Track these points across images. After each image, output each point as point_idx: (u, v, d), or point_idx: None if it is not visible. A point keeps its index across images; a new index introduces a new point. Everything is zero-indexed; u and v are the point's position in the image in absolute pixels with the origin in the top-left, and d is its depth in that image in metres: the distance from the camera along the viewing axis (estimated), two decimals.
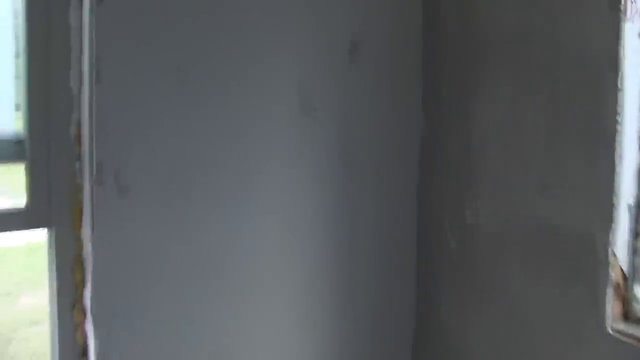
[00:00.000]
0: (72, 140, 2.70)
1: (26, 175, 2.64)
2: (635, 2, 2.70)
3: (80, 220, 2.68)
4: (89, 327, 2.69)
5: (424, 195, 3.61)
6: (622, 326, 2.67)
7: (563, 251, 2.93)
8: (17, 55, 2.66)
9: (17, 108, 2.69)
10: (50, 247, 2.71)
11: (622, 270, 2.74)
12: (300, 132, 3.11)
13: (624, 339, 2.64)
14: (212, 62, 2.86)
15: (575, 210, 2.77)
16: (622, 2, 2.72)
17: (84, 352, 2.72)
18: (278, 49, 3.02)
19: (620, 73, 2.74)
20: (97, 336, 2.67)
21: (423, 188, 3.48)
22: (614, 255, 2.73)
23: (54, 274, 2.71)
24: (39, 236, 2.81)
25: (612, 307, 2.68)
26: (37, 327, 6.63)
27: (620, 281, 2.74)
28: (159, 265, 2.79)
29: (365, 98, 3.33)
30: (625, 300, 2.72)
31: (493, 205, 3.16)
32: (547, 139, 3.05)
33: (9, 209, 2.49)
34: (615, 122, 2.75)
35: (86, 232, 2.66)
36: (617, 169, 2.74)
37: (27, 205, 2.50)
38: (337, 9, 3.18)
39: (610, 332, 2.69)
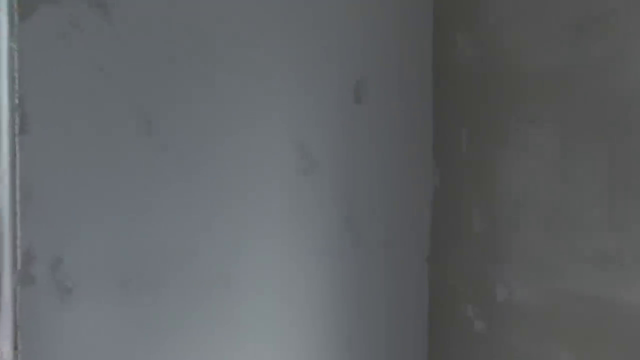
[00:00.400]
0: None
1: None
2: None
3: None
4: None
5: (439, 266, 2.98)
6: None
7: (627, 335, 2.35)
8: None
9: None
10: None
11: None
12: (297, 196, 2.49)
13: None
14: (190, 112, 2.23)
15: None
16: None
17: None
18: (271, 97, 2.47)
19: None
20: None
21: (437, 258, 3.09)
22: None
23: None
24: None
25: None
26: None
27: None
28: None
29: (371, 148, 2.74)
30: None
31: (533, 278, 2.75)
32: (605, 195, 2.45)
33: None
34: None
35: (4, 350, 1.86)
36: None
37: None
38: (340, 47, 2.65)
39: None
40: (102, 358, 1.94)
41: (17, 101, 1.81)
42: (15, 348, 1.75)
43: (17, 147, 1.82)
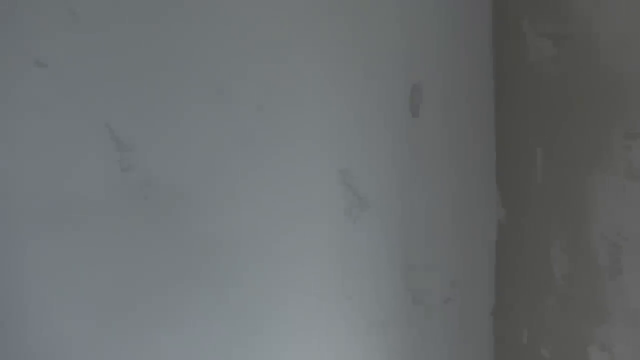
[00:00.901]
0: None
1: None
2: None
3: None
4: None
5: (508, 323, 2.36)
6: None
7: None
8: None
9: None
10: None
11: None
12: (345, 249, 1.83)
13: None
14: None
15: None
16: None
17: None
18: (313, 125, 1.94)
19: None
20: None
21: (505, 312, 2.49)
22: None
23: None
24: None
25: None
26: None
27: None
28: None
29: (428, 175, 2.10)
30: None
31: None
32: None
33: None
34: None
35: None
36: None
37: None
38: (390, 44, 2.05)
39: None
40: None
41: None
42: None
43: None
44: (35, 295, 1.57)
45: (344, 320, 1.91)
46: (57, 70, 1.54)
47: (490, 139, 2.39)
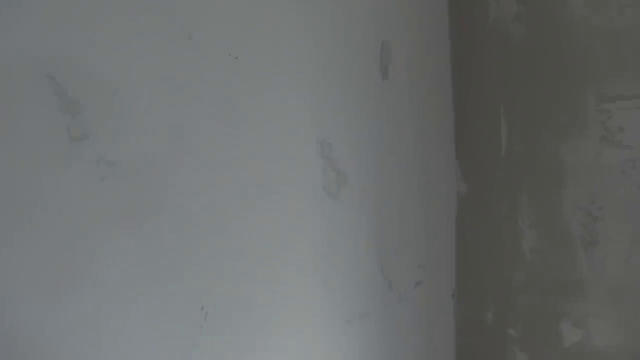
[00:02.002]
0: None
1: None
2: None
3: None
4: None
5: (470, 303, 2.29)
6: None
7: None
8: None
9: None
10: None
11: None
12: (326, 230, 1.63)
13: None
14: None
15: None
16: None
17: None
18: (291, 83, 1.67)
19: None
20: None
21: (467, 291, 2.31)
22: None
23: None
24: None
25: None
26: None
27: None
28: None
29: (398, 142, 1.88)
30: None
31: (618, 316, 2.03)
32: None
33: None
34: None
35: None
36: None
37: None
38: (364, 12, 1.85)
39: None
40: None
41: None
42: None
43: None
44: None
45: (324, 313, 1.67)
46: None
47: (448, 107, 2.21)
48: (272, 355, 1.53)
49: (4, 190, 1.17)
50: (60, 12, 1.22)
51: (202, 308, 1.42)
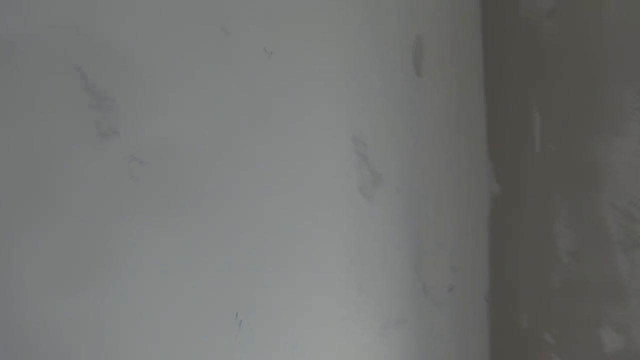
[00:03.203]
0: None
1: None
2: None
3: None
4: None
5: (505, 306, 2.20)
6: None
7: None
8: None
9: None
10: None
11: None
12: (361, 234, 1.56)
13: None
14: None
15: None
16: None
17: None
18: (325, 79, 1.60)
19: None
20: None
21: (501, 294, 2.24)
22: None
23: None
24: None
25: None
26: None
27: None
28: None
29: (431, 142, 1.82)
30: None
31: None
32: None
33: None
34: None
35: None
36: None
37: None
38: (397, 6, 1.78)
39: None
40: None
41: None
42: None
43: None
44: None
45: (360, 318, 1.61)
46: None
47: (480, 104, 2.15)
48: None
49: (31, 189, 1.12)
50: None
51: (236, 315, 1.37)
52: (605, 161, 2.03)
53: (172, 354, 1.29)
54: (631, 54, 1.96)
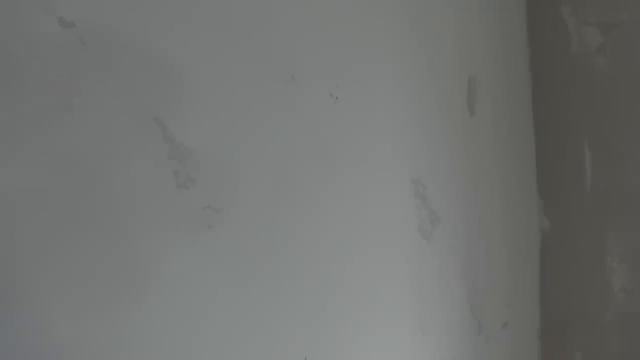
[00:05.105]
0: None
1: None
2: None
3: None
4: None
5: (557, 345, 2.14)
6: None
7: None
8: None
9: None
10: None
11: None
12: (420, 274, 1.61)
13: None
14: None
15: None
16: None
17: None
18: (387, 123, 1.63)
19: None
20: None
21: (553, 333, 2.20)
22: None
23: None
24: None
25: None
26: None
27: None
28: None
29: (484, 180, 1.82)
30: None
31: None
32: None
33: None
34: None
35: None
36: None
37: None
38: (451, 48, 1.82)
39: None
40: None
41: None
42: None
43: None
44: None
45: (421, 357, 1.60)
46: None
47: (530, 142, 2.15)
48: None
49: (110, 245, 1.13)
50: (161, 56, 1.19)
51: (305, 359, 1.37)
52: None
53: None
54: None
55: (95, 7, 1.14)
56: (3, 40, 1.05)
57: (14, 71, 1.06)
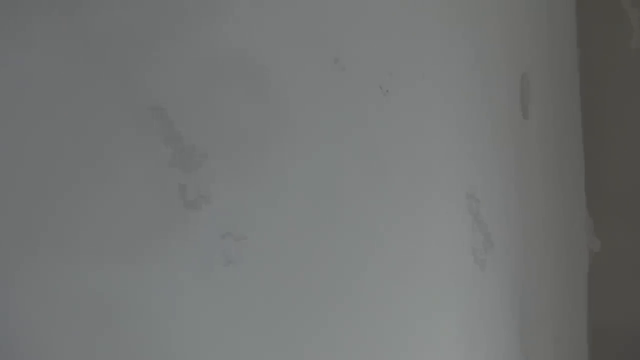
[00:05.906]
0: None
1: None
2: None
3: None
4: None
5: None
6: None
7: None
8: None
9: None
10: None
11: None
12: (473, 304, 1.36)
13: None
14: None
15: None
16: None
17: None
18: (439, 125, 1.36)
19: None
20: None
21: None
22: None
23: None
24: None
25: None
26: None
27: None
28: None
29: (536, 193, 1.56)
30: None
31: None
32: None
33: None
34: None
35: None
36: None
37: None
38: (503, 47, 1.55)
39: None
40: None
41: None
42: None
43: None
44: None
45: None
46: None
47: (578, 149, 1.88)
48: None
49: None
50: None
51: None
52: None
53: None
54: None
55: None
56: None
57: None
